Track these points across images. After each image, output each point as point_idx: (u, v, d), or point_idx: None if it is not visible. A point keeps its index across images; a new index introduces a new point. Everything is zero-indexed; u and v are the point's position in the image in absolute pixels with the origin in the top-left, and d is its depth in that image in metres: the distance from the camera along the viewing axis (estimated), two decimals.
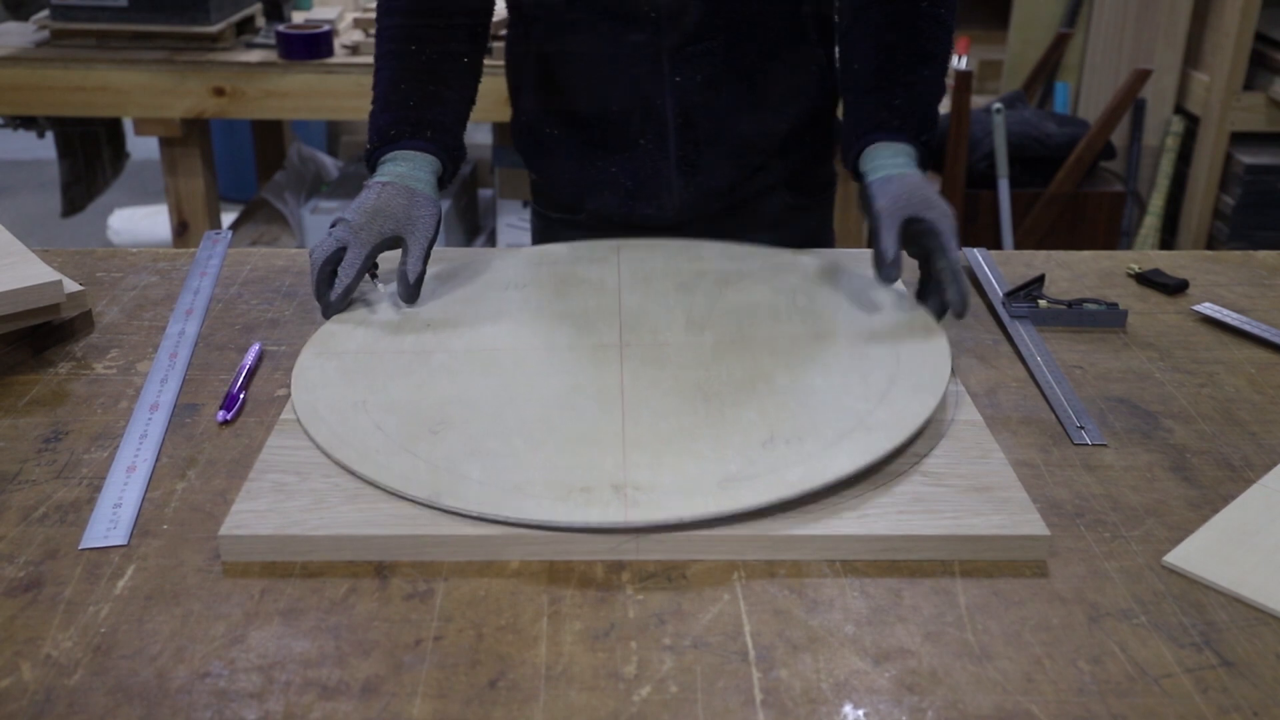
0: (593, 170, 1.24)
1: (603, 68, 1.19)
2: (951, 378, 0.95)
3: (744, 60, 1.18)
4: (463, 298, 1.09)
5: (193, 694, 0.64)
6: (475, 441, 0.84)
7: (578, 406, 0.89)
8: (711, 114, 1.20)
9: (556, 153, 1.26)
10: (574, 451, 0.83)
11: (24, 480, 0.83)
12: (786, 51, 1.21)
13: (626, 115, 1.20)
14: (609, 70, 1.18)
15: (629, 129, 1.20)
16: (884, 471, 0.82)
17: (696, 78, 1.17)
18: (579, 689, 0.65)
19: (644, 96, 1.18)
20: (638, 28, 1.15)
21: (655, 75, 1.17)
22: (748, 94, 1.20)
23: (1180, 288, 1.18)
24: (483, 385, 0.92)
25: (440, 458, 0.82)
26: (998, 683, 0.65)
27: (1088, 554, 0.77)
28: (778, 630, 0.69)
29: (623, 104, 1.19)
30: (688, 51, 1.16)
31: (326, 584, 0.73)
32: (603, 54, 1.18)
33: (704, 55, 1.17)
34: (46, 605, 0.71)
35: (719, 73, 1.18)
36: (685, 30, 1.15)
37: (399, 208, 1.06)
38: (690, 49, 1.16)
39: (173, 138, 2.48)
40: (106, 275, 1.19)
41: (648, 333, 1.01)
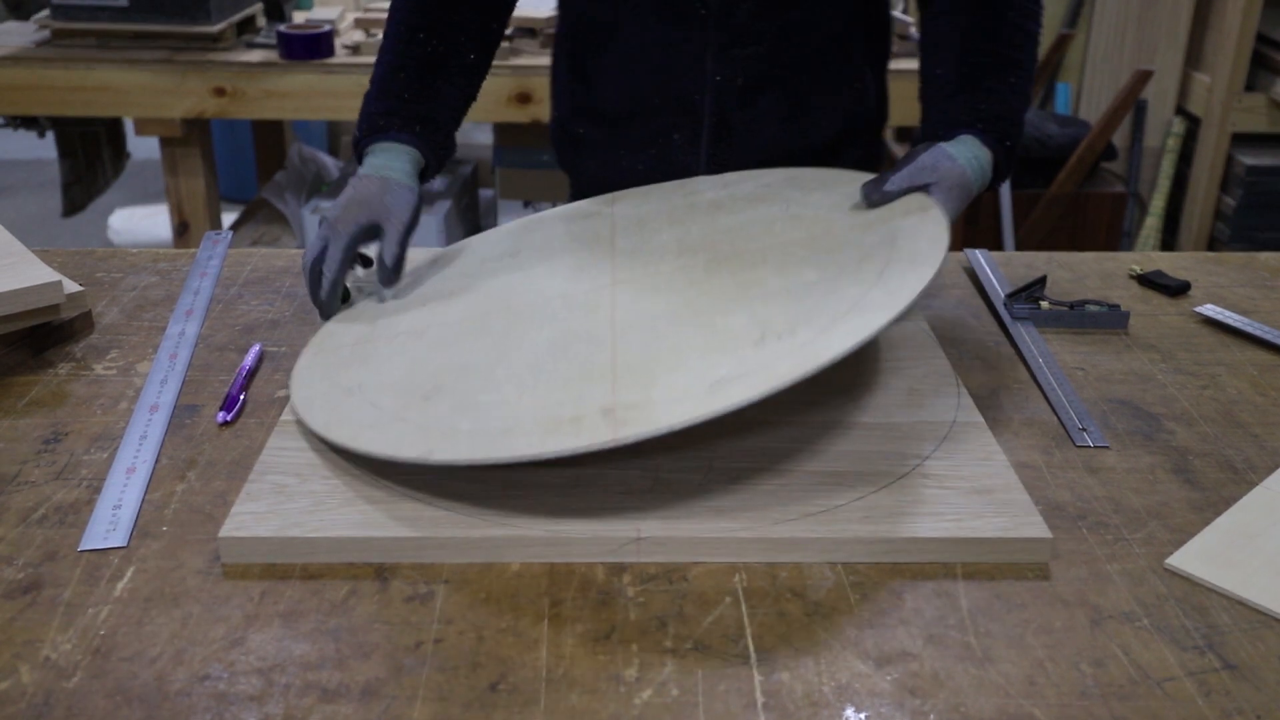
0: (623, 167, 1.25)
1: (646, 60, 1.19)
2: (955, 379, 0.95)
3: (786, 70, 1.18)
4: (457, 272, 1.09)
5: (192, 697, 0.64)
6: (467, 399, 0.83)
7: (569, 348, 0.88)
8: (747, 119, 1.19)
9: (589, 150, 1.27)
10: (564, 388, 0.81)
11: (23, 481, 0.83)
12: (831, 67, 1.20)
13: (663, 108, 1.20)
14: (652, 62, 1.18)
15: (663, 122, 1.20)
16: (885, 473, 0.82)
17: (737, 80, 1.17)
18: (580, 692, 0.64)
19: (683, 92, 1.18)
20: (686, 23, 1.15)
21: (697, 72, 1.17)
22: (785, 104, 1.20)
23: (1182, 289, 1.18)
24: (475, 347, 0.91)
25: (432, 419, 0.82)
26: (1000, 685, 0.65)
27: (1090, 556, 0.76)
28: (779, 633, 0.69)
29: (661, 97, 1.19)
30: (732, 53, 1.16)
31: (326, 586, 0.73)
32: (648, 46, 1.18)
33: (747, 59, 1.16)
34: (46, 607, 0.70)
35: (760, 78, 1.17)
36: (732, 31, 1.15)
37: (374, 197, 1.06)
38: (734, 51, 1.16)
39: (173, 138, 2.48)
40: (106, 276, 1.19)
41: (640, 267, 0.99)
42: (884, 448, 0.85)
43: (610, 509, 0.77)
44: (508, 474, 0.81)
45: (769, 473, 0.82)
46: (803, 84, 1.19)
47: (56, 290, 1.00)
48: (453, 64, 1.15)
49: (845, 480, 0.81)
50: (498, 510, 0.77)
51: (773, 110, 1.20)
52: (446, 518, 0.76)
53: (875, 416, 0.89)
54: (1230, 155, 3.12)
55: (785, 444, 0.85)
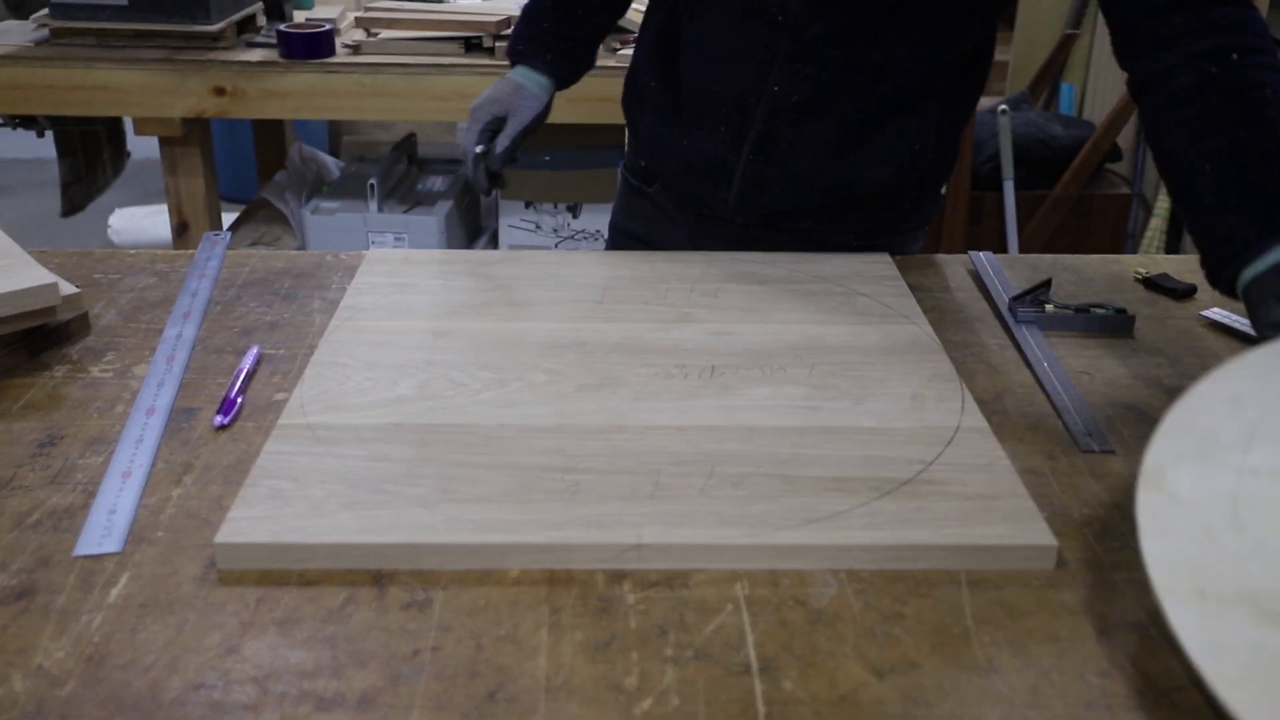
0: (673, 136, 1.24)
1: (719, 47, 1.18)
2: (958, 383, 0.94)
3: (846, 102, 1.14)
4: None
5: (186, 706, 0.63)
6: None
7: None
8: (792, 138, 1.16)
9: (650, 108, 1.28)
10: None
11: (17, 486, 0.82)
12: (897, 115, 1.16)
13: (720, 98, 1.19)
14: (720, 54, 1.17)
15: (716, 112, 1.19)
16: (888, 479, 0.81)
17: (794, 96, 1.14)
18: (579, 701, 0.64)
19: (741, 90, 1.16)
20: (761, 24, 1.13)
21: (757, 77, 1.15)
22: (835, 136, 1.16)
23: (1188, 293, 1.17)
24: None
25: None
26: (1004, 696, 0.64)
27: (1096, 564, 0.76)
28: (781, 641, 0.68)
29: (721, 89, 1.18)
30: (794, 69, 1.13)
31: (323, 593, 0.72)
32: (719, 37, 1.17)
33: (809, 80, 1.13)
34: (39, 614, 0.70)
35: (815, 102, 1.14)
36: (802, 46, 1.12)
37: (506, 96, 1.26)
38: (798, 66, 1.12)
39: (173, 137, 2.47)
40: (104, 277, 1.18)
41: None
42: (887, 453, 0.84)
43: (610, 515, 0.76)
44: (507, 480, 0.80)
45: (771, 479, 0.81)
46: (859, 122, 1.16)
47: (53, 292, 1.00)
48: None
49: (848, 486, 0.80)
50: (497, 517, 0.76)
51: (820, 138, 1.16)
52: (445, 524, 0.75)
53: (878, 422, 0.89)
54: None
55: (787, 450, 0.85)
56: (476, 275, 1.15)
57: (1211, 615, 0.60)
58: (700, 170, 1.23)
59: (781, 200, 1.21)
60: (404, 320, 1.05)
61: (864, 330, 1.05)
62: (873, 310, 1.09)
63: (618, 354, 0.99)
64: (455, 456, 0.83)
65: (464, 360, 0.97)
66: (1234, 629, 0.59)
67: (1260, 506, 0.65)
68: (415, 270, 1.16)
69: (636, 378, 0.95)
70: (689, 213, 1.29)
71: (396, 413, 0.89)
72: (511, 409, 0.90)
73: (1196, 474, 0.68)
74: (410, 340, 1.01)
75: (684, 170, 1.25)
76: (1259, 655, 0.57)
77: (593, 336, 1.02)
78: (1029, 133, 2.84)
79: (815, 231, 1.25)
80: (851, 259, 1.21)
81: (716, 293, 1.12)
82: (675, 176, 1.28)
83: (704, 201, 1.25)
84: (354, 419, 0.88)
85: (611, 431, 0.87)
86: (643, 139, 1.31)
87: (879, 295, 1.12)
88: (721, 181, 1.22)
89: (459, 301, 1.09)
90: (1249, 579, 0.61)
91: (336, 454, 0.83)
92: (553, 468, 0.82)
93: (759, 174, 1.19)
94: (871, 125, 1.16)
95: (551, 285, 1.13)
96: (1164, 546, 0.64)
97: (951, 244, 2.83)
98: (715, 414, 0.89)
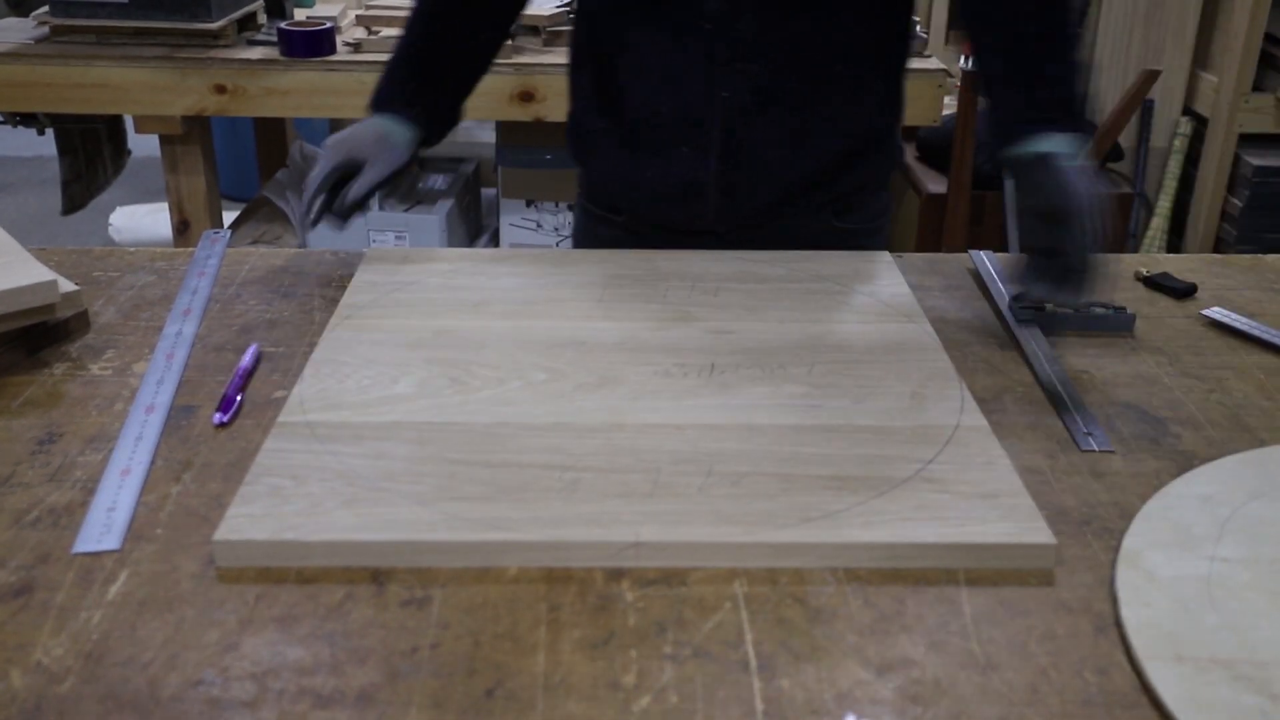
0: (633, 171, 1.24)
1: (655, 74, 1.18)
2: (958, 382, 0.94)
3: (795, 85, 1.17)
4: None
5: (185, 703, 0.63)
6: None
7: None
8: (754, 134, 1.18)
9: (602, 150, 1.27)
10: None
11: (16, 483, 0.82)
12: (842, 81, 1.19)
13: (672, 123, 1.19)
14: (661, 77, 1.18)
15: (673, 136, 1.20)
16: (888, 478, 0.81)
17: (743, 96, 1.16)
18: (577, 699, 0.64)
19: (691, 107, 1.17)
20: (692, 39, 1.14)
21: (706, 88, 1.16)
22: (795, 120, 1.18)
23: (1189, 292, 1.17)
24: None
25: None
26: (1002, 694, 0.64)
27: (1095, 562, 0.75)
28: (780, 639, 0.68)
29: (670, 111, 1.19)
30: (737, 69, 1.14)
31: (322, 590, 0.72)
32: (657, 61, 1.17)
33: (754, 75, 1.15)
34: (38, 611, 0.70)
35: (766, 94, 1.16)
36: (736, 46, 1.14)
37: (368, 141, 1.19)
38: (740, 66, 1.14)
39: (174, 135, 2.47)
40: (104, 275, 1.18)
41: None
42: (886, 452, 0.84)
43: (609, 513, 0.76)
44: (505, 478, 0.80)
45: (769, 477, 0.81)
46: (812, 99, 1.18)
47: (51, 290, 1.00)
48: (461, 50, 1.24)
49: (847, 485, 0.80)
50: (495, 514, 0.76)
51: (781, 127, 1.18)
52: (444, 521, 0.75)
53: (878, 420, 0.89)
54: (1237, 156, 3.11)
55: (786, 448, 0.84)
56: (476, 274, 1.15)
57: (1189, 676, 0.65)
58: (672, 195, 1.23)
59: (758, 199, 1.22)
60: (404, 318, 1.05)
61: (864, 329, 1.05)
62: (872, 309, 1.09)
63: (617, 352, 0.99)
64: (454, 454, 0.83)
65: (463, 358, 0.97)
66: (1211, 689, 0.64)
67: (1231, 588, 0.72)
68: (415, 269, 1.16)
69: (636, 376, 0.95)
70: (664, 231, 1.27)
71: (396, 411, 0.89)
72: (510, 407, 0.90)
73: (1172, 558, 0.75)
74: (410, 338, 1.01)
75: (653, 198, 1.25)
76: (1235, 711, 0.62)
77: (592, 335, 1.02)
78: None
79: (795, 221, 1.26)
80: (851, 257, 1.21)
81: (716, 291, 1.12)
82: (645, 204, 1.27)
83: (680, 220, 1.25)
84: (353, 417, 0.88)
85: (610, 430, 0.87)
86: (602, 177, 1.30)
87: (879, 294, 1.12)
88: (696, 200, 1.22)
89: (458, 300, 1.09)
90: (1223, 649, 0.67)
91: (335, 452, 0.83)
92: (552, 466, 0.82)
93: (731, 182, 1.20)
94: (822, 100, 1.18)
95: (551, 284, 1.13)
96: (1143, 616, 0.70)
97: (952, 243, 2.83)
98: (714, 412, 0.89)
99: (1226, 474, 0.84)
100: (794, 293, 1.12)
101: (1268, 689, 0.63)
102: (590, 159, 1.30)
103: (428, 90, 1.23)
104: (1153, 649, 0.67)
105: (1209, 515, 0.79)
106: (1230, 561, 0.74)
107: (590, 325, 1.04)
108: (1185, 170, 3.27)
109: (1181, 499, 0.81)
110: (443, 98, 1.25)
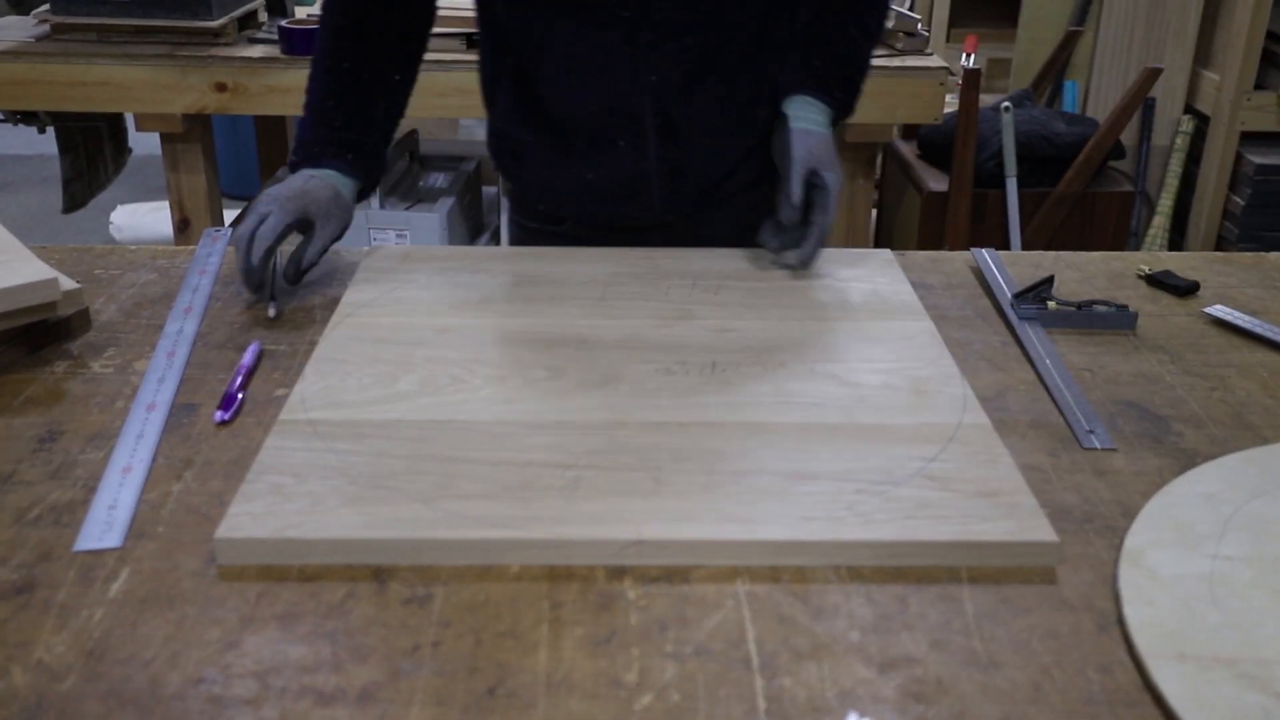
0: (570, 175, 1.22)
1: (578, 70, 1.16)
2: (960, 380, 0.94)
3: (719, 53, 1.17)
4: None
5: (186, 701, 0.63)
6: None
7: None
8: (690, 112, 1.18)
9: (533, 159, 1.24)
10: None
11: (18, 481, 0.82)
12: (764, 48, 1.20)
13: (603, 117, 1.18)
14: (585, 72, 1.16)
15: (606, 131, 1.18)
16: (890, 475, 0.81)
17: (673, 76, 1.15)
18: (579, 697, 0.64)
19: (620, 97, 1.16)
20: (611, 27, 1.13)
21: (632, 75, 1.15)
22: (726, 89, 1.19)
23: (1191, 290, 1.17)
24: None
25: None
26: (1005, 692, 0.64)
27: (1097, 561, 0.75)
28: (782, 637, 0.68)
29: (599, 106, 1.17)
30: (664, 49, 1.14)
31: (323, 588, 0.72)
32: (578, 55, 1.16)
33: (681, 52, 1.15)
34: (39, 609, 0.70)
35: (696, 69, 1.16)
36: (658, 27, 1.13)
37: (323, 199, 1.13)
38: (665, 46, 1.14)
39: (174, 134, 2.47)
40: (105, 273, 1.18)
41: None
42: (889, 450, 0.84)
43: (611, 511, 0.76)
44: (507, 476, 0.80)
45: (771, 475, 0.81)
46: (738, 67, 1.18)
47: (52, 288, 1.00)
48: (378, 88, 1.19)
49: (849, 483, 0.80)
50: (497, 512, 0.76)
51: (713, 100, 1.18)
52: (445, 519, 0.75)
53: (879, 418, 0.89)
54: (1239, 154, 3.11)
55: (788, 446, 0.84)
56: (478, 272, 1.15)
57: (1191, 675, 0.65)
58: (617, 193, 1.22)
59: (704, 178, 1.22)
60: (405, 316, 1.05)
61: (865, 327, 1.04)
62: (874, 307, 1.09)
63: (619, 350, 0.99)
64: (456, 452, 0.83)
65: (465, 356, 0.97)
66: (1214, 687, 0.64)
67: (1234, 586, 0.72)
68: (416, 267, 1.16)
69: (637, 374, 0.95)
70: (608, 231, 1.26)
71: (397, 409, 0.89)
72: (512, 405, 0.90)
73: (1174, 557, 0.75)
74: (411, 336, 1.01)
75: (597, 200, 1.23)
76: (1237, 710, 0.62)
77: (594, 333, 1.02)
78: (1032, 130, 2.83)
79: (741, 198, 1.26)
80: (853, 255, 1.21)
81: (717, 289, 1.12)
82: (588, 207, 1.25)
83: (628, 216, 1.24)
84: (354, 415, 0.88)
85: (612, 428, 0.87)
86: (536, 188, 1.27)
87: (881, 292, 1.12)
88: (642, 191, 1.21)
89: (460, 298, 1.09)
90: (1225, 647, 0.67)
91: (337, 450, 0.83)
92: (553, 464, 0.82)
93: (673, 166, 1.20)
94: (748, 66, 1.19)
95: (553, 282, 1.13)
96: (1145, 614, 0.70)
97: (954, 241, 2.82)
98: (716, 410, 0.89)
99: (1229, 472, 0.84)
100: (795, 291, 1.12)
101: (1270, 687, 0.63)
102: (520, 171, 1.27)
103: (357, 133, 1.17)
104: (1155, 647, 0.67)
105: (1211, 513, 0.79)
106: (1233, 560, 0.74)
107: (592, 323, 1.04)
108: (1187, 168, 3.26)
109: (1184, 497, 0.81)
110: (371, 137, 1.19)
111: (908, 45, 2.50)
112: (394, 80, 1.21)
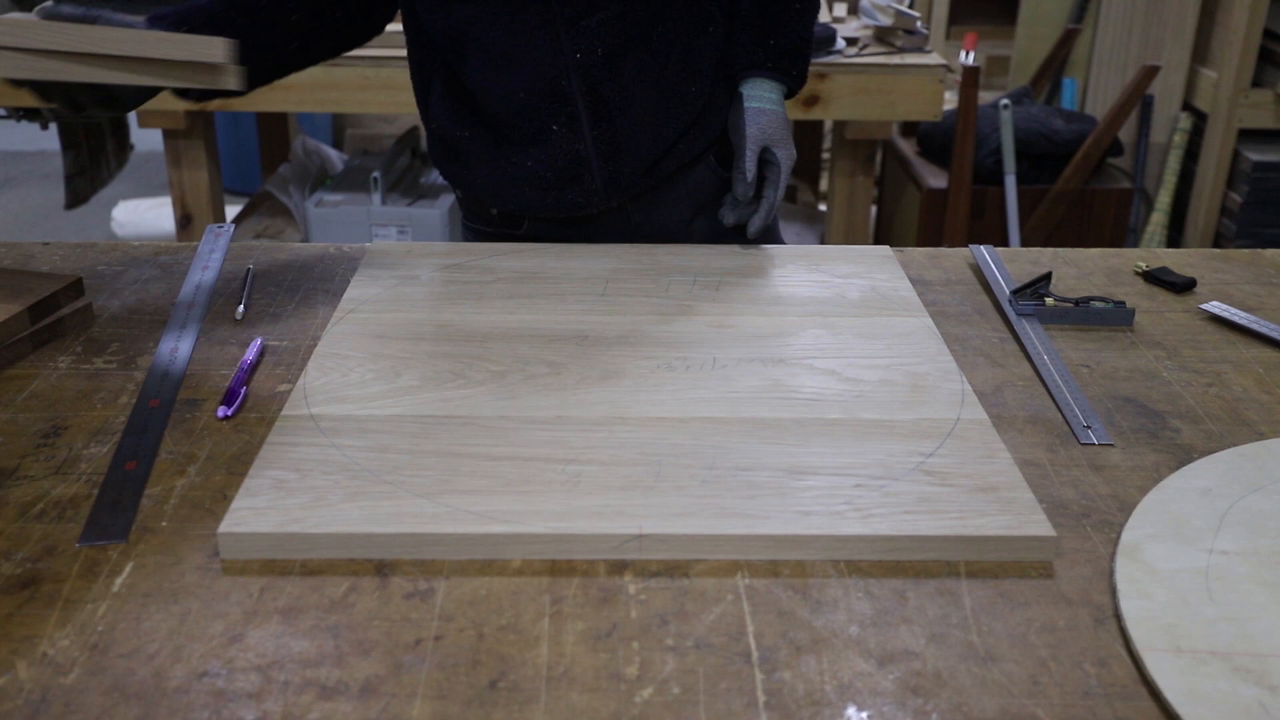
0: (510, 166, 1.22)
1: (502, 58, 1.16)
2: (959, 375, 0.94)
3: (643, 26, 1.17)
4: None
5: (190, 694, 0.63)
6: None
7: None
8: (620, 88, 1.18)
9: (473, 157, 1.24)
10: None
11: (22, 476, 0.83)
12: (686, 15, 1.19)
13: (534, 103, 1.17)
14: (509, 59, 1.16)
15: (539, 118, 1.18)
16: (888, 470, 0.81)
17: (598, 51, 1.15)
18: (580, 690, 0.64)
19: (549, 80, 1.16)
20: (531, 7, 1.13)
21: (556, 55, 1.15)
22: (653, 62, 1.18)
23: (1188, 286, 1.17)
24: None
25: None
26: (1003, 685, 0.65)
27: (1094, 555, 0.76)
28: (781, 631, 0.69)
29: (528, 91, 1.17)
30: (584, 25, 1.14)
31: (326, 582, 0.72)
32: (500, 43, 1.15)
33: (601, 26, 1.14)
34: (44, 603, 0.70)
35: (620, 43, 1.16)
36: (578, 4, 1.13)
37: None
38: (586, 22, 1.14)
39: (176, 130, 2.48)
40: (108, 269, 1.19)
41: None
42: (887, 445, 0.85)
43: (612, 506, 0.77)
44: (509, 471, 0.81)
45: (771, 470, 0.81)
46: (662, 40, 1.18)
47: (216, 46, 0.94)
48: (268, 13, 1.17)
49: (848, 477, 0.80)
50: (498, 507, 0.77)
51: (641, 74, 1.18)
52: (447, 514, 0.76)
53: (878, 414, 0.89)
54: (1237, 151, 3.11)
55: (788, 441, 0.85)
56: (478, 268, 1.16)
57: (1187, 668, 0.65)
58: (558, 178, 1.21)
59: (642, 155, 1.22)
60: (406, 312, 1.06)
61: (864, 323, 1.05)
62: (873, 303, 1.09)
63: (619, 346, 0.99)
64: (457, 447, 0.84)
65: (466, 352, 0.98)
66: (1210, 680, 0.64)
67: (1230, 580, 0.72)
68: (418, 263, 1.17)
69: (638, 369, 0.95)
70: (563, 225, 1.27)
71: (399, 404, 0.89)
72: (513, 400, 0.90)
73: (1171, 551, 0.75)
74: (413, 332, 1.01)
75: (539, 187, 1.23)
76: (1233, 703, 0.63)
77: (594, 328, 1.03)
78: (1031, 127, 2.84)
79: (684, 176, 1.27)
80: (852, 251, 1.22)
81: (718, 285, 1.12)
82: (533, 198, 1.24)
83: (574, 205, 1.24)
84: (357, 410, 0.89)
85: (613, 423, 0.87)
86: (483, 189, 1.27)
87: (879, 288, 1.13)
88: (583, 174, 1.21)
89: (461, 294, 1.10)
90: (1221, 641, 0.67)
91: (339, 445, 0.84)
92: (554, 459, 0.82)
93: (611, 143, 1.20)
94: (671, 38, 1.19)
95: (553, 278, 1.14)
96: (1142, 608, 0.70)
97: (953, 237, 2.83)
98: (716, 406, 0.90)
99: (1225, 467, 0.85)
100: (795, 287, 1.13)
101: (1266, 680, 0.64)
102: (464, 173, 1.27)
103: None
104: (1152, 641, 0.67)
105: (1208, 508, 0.80)
106: (1229, 554, 0.75)
107: (592, 319, 1.05)
108: (1185, 165, 3.27)
109: (1180, 492, 0.82)
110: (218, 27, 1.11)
111: (907, 43, 2.51)
112: (292, 20, 1.20)
